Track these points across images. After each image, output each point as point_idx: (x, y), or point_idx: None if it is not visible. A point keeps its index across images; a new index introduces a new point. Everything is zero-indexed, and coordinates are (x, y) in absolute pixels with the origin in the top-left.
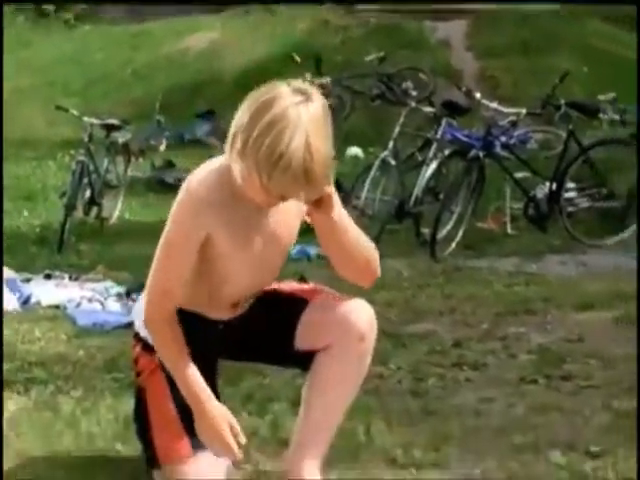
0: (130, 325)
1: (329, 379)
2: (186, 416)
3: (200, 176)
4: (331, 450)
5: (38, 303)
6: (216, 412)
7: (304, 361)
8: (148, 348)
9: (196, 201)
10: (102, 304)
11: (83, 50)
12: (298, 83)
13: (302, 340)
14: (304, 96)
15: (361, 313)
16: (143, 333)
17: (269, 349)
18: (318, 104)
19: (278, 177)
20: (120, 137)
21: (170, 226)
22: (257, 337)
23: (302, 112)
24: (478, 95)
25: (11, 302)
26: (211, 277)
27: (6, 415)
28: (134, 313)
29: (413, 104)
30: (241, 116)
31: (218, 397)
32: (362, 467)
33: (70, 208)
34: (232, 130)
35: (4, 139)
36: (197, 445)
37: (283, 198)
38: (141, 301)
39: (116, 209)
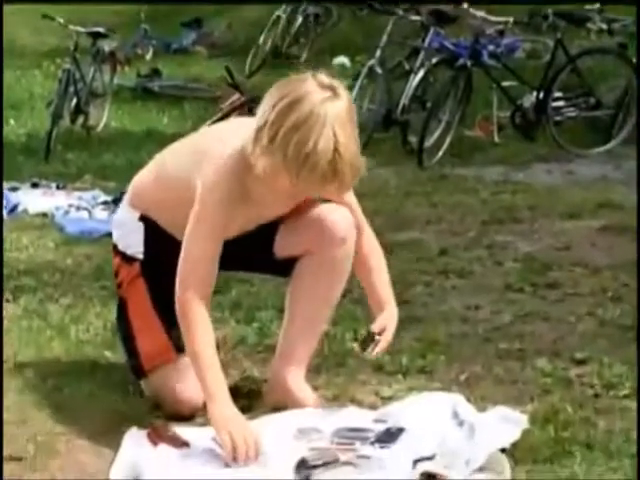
0: None
1: (310, 285)
2: (169, 321)
3: (218, 169)
4: (319, 357)
5: (25, 211)
6: (222, 418)
7: (284, 268)
8: (127, 259)
9: (218, 198)
10: (90, 212)
11: None
12: (324, 76)
13: (281, 246)
14: (331, 92)
15: (339, 216)
16: (121, 245)
17: (249, 256)
18: (344, 99)
19: (306, 176)
20: (106, 45)
21: (197, 220)
22: (237, 245)
23: (329, 110)
24: (465, 4)
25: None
26: None
27: None
28: (113, 225)
29: (400, 13)
30: (266, 111)
31: None
32: (349, 373)
33: (57, 117)
34: (257, 124)
35: None
36: (182, 349)
37: (310, 193)
38: (120, 212)
39: (103, 117)
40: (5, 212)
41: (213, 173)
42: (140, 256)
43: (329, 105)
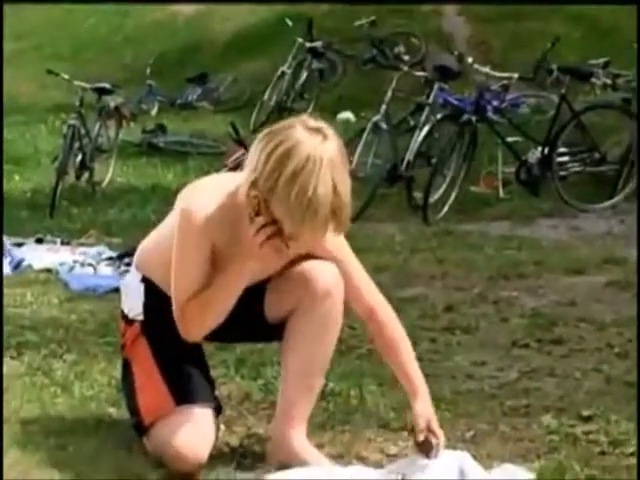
0: None
1: (301, 342)
2: (170, 376)
3: (200, 204)
4: (324, 413)
5: (30, 267)
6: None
7: (279, 333)
8: (128, 321)
9: (197, 230)
10: (94, 268)
11: (72, 15)
12: (310, 121)
13: (271, 307)
14: (320, 135)
15: (323, 270)
16: (125, 308)
17: (243, 326)
18: (334, 141)
19: (309, 222)
20: (111, 101)
21: (177, 250)
22: (229, 317)
23: (323, 154)
24: (470, 59)
25: (3, 266)
26: None
27: None
28: (122, 286)
29: (405, 68)
30: (260, 162)
31: (208, 369)
32: (355, 431)
33: (61, 172)
34: (250, 175)
35: None
36: (182, 401)
37: (308, 238)
38: (128, 275)
39: (108, 173)
40: (10, 268)
41: (181, 218)
42: (140, 318)
43: (321, 149)
